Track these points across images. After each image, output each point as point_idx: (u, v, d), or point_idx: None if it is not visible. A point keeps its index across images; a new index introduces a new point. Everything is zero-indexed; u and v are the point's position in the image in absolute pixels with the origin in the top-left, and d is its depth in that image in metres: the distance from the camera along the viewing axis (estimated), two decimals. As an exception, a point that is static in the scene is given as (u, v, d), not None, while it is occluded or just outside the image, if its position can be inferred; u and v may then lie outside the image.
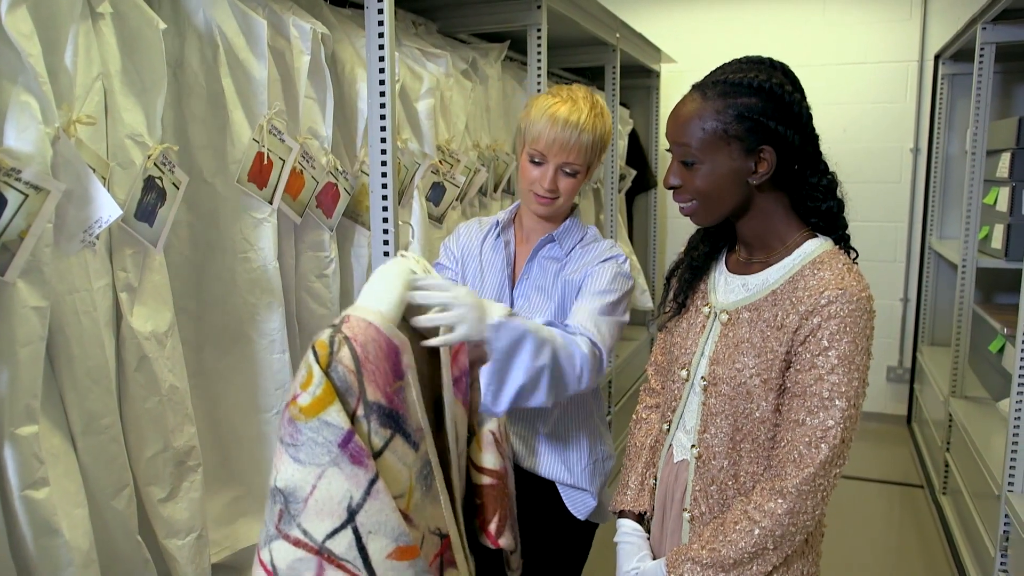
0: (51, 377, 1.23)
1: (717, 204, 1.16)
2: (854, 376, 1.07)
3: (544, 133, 1.44)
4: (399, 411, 1.12)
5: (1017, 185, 2.80)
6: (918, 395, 4.04)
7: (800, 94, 1.14)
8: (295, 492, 1.03)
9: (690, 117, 1.13)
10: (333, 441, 1.03)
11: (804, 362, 1.08)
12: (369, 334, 1.09)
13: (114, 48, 1.31)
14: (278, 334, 1.61)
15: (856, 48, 4.06)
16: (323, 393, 1.04)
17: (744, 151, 1.11)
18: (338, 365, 1.06)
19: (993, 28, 2.84)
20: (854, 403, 1.07)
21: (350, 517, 1.03)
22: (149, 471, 1.37)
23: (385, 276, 1.20)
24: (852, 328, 1.07)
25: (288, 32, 1.64)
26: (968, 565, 2.55)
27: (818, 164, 1.16)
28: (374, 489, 1.04)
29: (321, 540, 1.02)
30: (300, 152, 1.66)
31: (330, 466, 1.02)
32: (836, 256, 1.13)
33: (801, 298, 1.10)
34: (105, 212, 1.20)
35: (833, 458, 1.07)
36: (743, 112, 1.10)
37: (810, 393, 1.08)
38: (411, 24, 2.36)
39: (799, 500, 1.07)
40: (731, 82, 1.12)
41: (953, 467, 3.01)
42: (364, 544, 1.03)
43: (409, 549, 1.07)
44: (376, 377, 1.09)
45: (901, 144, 4.07)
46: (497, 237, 1.60)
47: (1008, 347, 2.68)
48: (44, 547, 1.16)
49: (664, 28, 4.26)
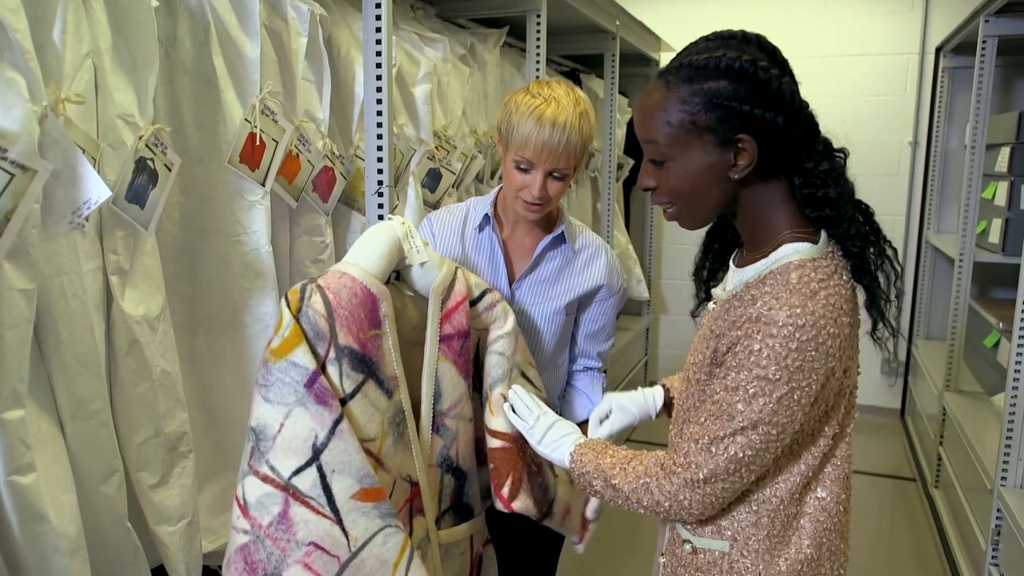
0: (39, 361, 1.21)
1: (698, 205, 1.05)
2: (759, 401, 0.97)
3: (531, 140, 1.37)
4: (372, 357, 1.18)
5: (1016, 180, 2.80)
6: (912, 388, 4.05)
7: (779, 69, 0.99)
8: (265, 430, 1.09)
9: (654, 110, 1.01)
10: (299, 381, 1.09)
11: (721, 370, 1.02)
12: (343, 282, 1.17)
13: (104, 25, 1.28)
14: (271, 319, 1.59)
15: (857, 40, 4.04)
16: (291, 335, 1.10)
17: (719, 143, 0.98)
18: (308, 310, 1.12)
19: (996, 21, 2.82)
20: (761, 430, 0.98)
21: (315, 455, 1.08)
22: (140, 457, 1.35)
23: (370, 235, 1.26)
24: (770, 354, 0.95)
25: (285, 13, 1.61)
26: (959, 558, 2.56)
27: (814, 147, 1.02)
28: (338, 429, 1.09)
29: (287, 476, 1.08)
30: (295, 134, 1.64)
31: (296, 405, 1.08)
32: (796, 270, 0.99)
33: (736, 306, 1.02)
34: (94, 193, 1.18)
35: (723, 472, 1.01)
36: (712, 99, 0.96)
37: (714, 400, 1.01)
38: (409, 8, 2.33)
39: (678, 497, 1.04)
40: (696, 65, 0.99)
41: (946, 461, 3.02)
42: (328, 483, 1.08)
43: (374, 491, 1.11)
44: (349, 323, 1.15)
45: (900, 137, 4.05)
46: (480, 231, 1.55)
47: (1003, 342, 2.67)
48: (31, 533, 1.14)
49: (664, 16, 4.23)
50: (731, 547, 1.09)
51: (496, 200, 1.56)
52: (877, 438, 4.01)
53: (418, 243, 1.30)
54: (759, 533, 1.07)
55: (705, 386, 1.07)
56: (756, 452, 1.00)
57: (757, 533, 1.07)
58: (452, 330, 1.31)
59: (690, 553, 1.13)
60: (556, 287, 1.54)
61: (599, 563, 2.73)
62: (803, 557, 1.07)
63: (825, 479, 1.08)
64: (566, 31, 3.21)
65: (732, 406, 1.00)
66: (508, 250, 1.55)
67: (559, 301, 1.54)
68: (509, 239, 1.56)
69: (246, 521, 1.09)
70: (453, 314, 1.31)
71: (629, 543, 2.87)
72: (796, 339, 0.95)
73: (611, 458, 1.14)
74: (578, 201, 3.61)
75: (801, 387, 0.97)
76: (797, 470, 1.07)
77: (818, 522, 1.08)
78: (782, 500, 1.07)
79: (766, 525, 1.07)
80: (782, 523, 1.07)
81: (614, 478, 1.12)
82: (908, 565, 2.81)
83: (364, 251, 1.24)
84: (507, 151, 1.44)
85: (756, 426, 0.99)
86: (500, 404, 1.34)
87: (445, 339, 1.30)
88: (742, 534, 1.08)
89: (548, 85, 1.43)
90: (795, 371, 0.96)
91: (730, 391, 1.00)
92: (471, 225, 1.56)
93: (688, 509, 1.06)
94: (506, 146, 1.44)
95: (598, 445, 1.19)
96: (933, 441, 3.22)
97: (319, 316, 1.13)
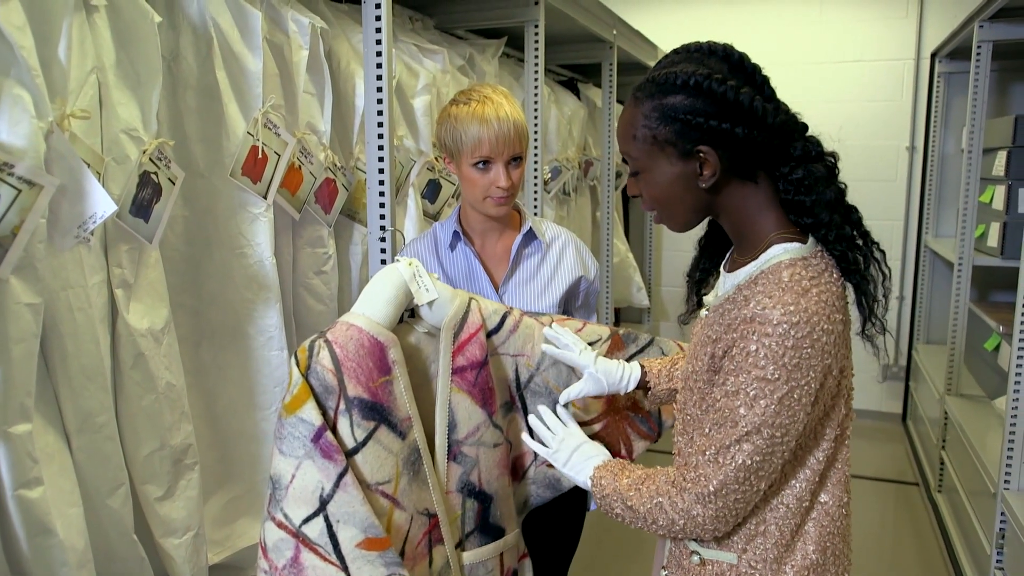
0: (45, 375, 1.21)
1: (676, 211, 1.08)
2: (760, 404, 0.97)
3: (484, 138, 1.45)
4: (383, 403, 1.24)
5: (1013, 183, 2.81)
6: (913, 393, 4.05)
7: (739, 78, 1.01)
8: (280, 480, 1.17)
9: (626, 125, 1.06)
10: (307, 436, 1.16)
11: (720, 376, 1.02)
12: (350, 335, 1.23)
13: (108, 41, 1.29)
14: (276, 331, 1.60)
15: (853, 46, 4.07)
16: (299, 392, 1.18)
17: (680, 155, 1.02)
18: (316, 366, 1.20)
19: (990, 26, 2.84)
20: (765, 433, 0.98)
21: (322, 506, 1.16)
22: (145, 469, 1.36)
23: (376, 283, 1.32)
24: (767, 354, 0.96)
25: (287, 26, 1.63)
26: (964, 563, 2.55)
27: (788, 154, 1.03)
28: (343, 482, 1.17)
29: (298, 524, 1.16)
30: (298, 147, 1.65)
31: (305, 459, 1.16)
32: (787, 269, 1.00)
33: (730, 309, 1.03)
34: (100, 207, 1.19)
35: (732, 482, 1.01)
36: (668, 113, 1.01)
37: (716, 408, 1.02)
38: (408, 20, 2.35)
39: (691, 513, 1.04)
40: (657, 80, 1.02)
41: (949, 465, 3.02)
42: (334, 532, 1.16)
43: (379, 540, 1.18)
44: (358, 374, 1.22)
45: (897, 142, 4.07)
46: (452, 249, 1.59)
47: (1004, 345, 2.68)
48: (38, 547, 1.15)
49: (661, 25, 4.25)
50: (739, 558, 1.09)
51: (459, 216, 1.61)
52: (879, 443, 4.01)
53: (426, 282, 1.33)
54: (767, 542, 1.07)
55: (705, 394, 1.07)
56: (763, 457, 1.00)
57: (765, 542, 1.07)
58: (465, 362, 1.35)
59: (698, 565, 1.12)
60: (540, 284, 1.59)
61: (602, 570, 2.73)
62: (809, 563, 1.07)
63: (827, 483, 1.09)
64: (564, 41, 3.23)
65: (734, 411, 1.00)
66: (484, 260, 1.59)
67: (549, 299, 1.59)
68: (482, 250, 1.60)
69: (266, 562, 1.17)
70: (466, 346, 1.35)
71: (631, 551, 2.87)
72: (792, 337, 0.96)
73: (627, 478, 1.14)
74: (577, 210, 3.63)
75: (800, 386, 0.98)
76: (803, 476, 1.07)
77: (822, 527, 1.08)
78: (788, 507, 1.07)
79: (774, 533, 1.07)
80: (790, 531, 1.07)
81: (630, 499, 1.11)
82: (913, 570, 2.80)
83: (370, 300, 1.29)
84: (460, 161, 1.50)
85: (760, 430, 0.99)
86: (582, 399, 1.43)
87: (458, 371, 1.35)
88: (751, 544, 1.08)
89: (472, 90, 1.52)
90: (793, 369, 0.97)
91: (730, 396, 1.00)
92: (443, 247, 1.60)
93: (702, 526, 1.04)
94: (458, 157, 1.50)
95: (615, 466, 1.18)
96: (935, 445, 3.22)
97: (327, 371, 1.20)
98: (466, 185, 1.51)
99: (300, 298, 1.78)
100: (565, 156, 3.29)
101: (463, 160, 1.49)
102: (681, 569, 1.15)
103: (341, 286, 1.88)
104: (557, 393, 1.43)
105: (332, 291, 1.81)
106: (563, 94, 3.53)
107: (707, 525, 1.05)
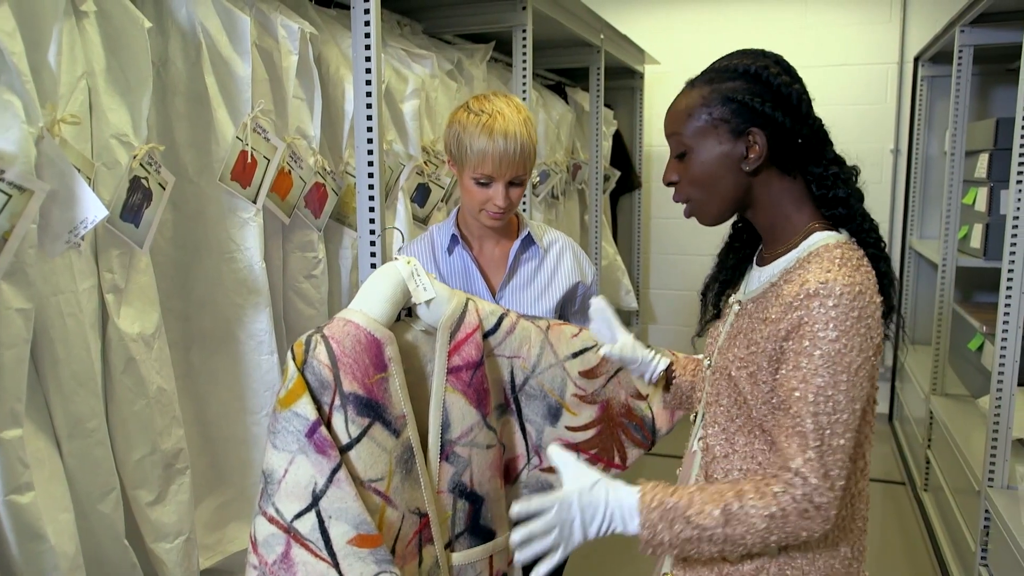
0: (35, 380, 1.21)
1: (713, 195, 1.12)
2: (841, 378, 0.99)
3: (487, 156, 1.43)
4: (378, 400, 1.24)
5: (995, 185, 2.85)
6: (899, 393, 4.09)
7: (790, 77, 1.12)
8: (272, 474, 1.16)
9: (679, 108, 1.14)
10: (301, 431, 1.16)
11: (789, 361, 1.02)
12: (347, 331, 1.23)
13: (98, 47, 1.29)
14: (266, 335, 1.60)
15: (837, 50, 4.11)
16: (294, 386, 1.17)
17: (731, 133, 1.09)
18: (313, 361, 1.20)
19: (971, 31, 2.88)
20: (845, 407, 0.99)
21: (314, 501, 1.15)
22: (136, 474, 1.35)
23: (374, 280, 1.32)
24: (837, 325, 0.99)
25: (276, 32, 1.63)
26: (949, 560, 2.58)
27: (823, 151, 1.13)
28: (336, 478, 1.16)
29: (290, 519, 1.15)
30: (287, 152, 1.65)
31: (298, 453, 1.16)
32: (836, 248, 1.06)
33: (786, 290, 1.05)
34: (91, 213, 1.19)
35: (841, 464, 1.00)
36: (727, 95, 1.09)
37: (795, 397, 1.01)
38: (396, 25, 2.36)
39: (825, 510, 1.00)
40: (716, 69, 1.13)
41: (934, 463, 3.05)
42: (326, 527, 1.15)
43: (371, 538, 1.17)
44: (354, 370, 1.21)
45: (882, 145, 4.12)
46: (450, 253, 1.58)
47: (987, 345, 2.72)
48: (30, 553, 1.15)
49: (648, 29, 4.28)
50: (780, 551, 1.08)
51: (457, 220, 1.60)
52: (866, 443, 4.04)
53: (424, 280, 1.34)
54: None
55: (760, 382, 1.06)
56: (853, 434, 1.01)
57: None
58: (461, 362, 1.35)
59: (734, 563, 1.09)
60: (536, 289, 1.59)
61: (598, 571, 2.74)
62: (840, 555, 1.11)
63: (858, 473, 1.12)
64: (551, 45, 3.25)
65: (820, 392, 0.99)
66: (481, 264, 1.59)
67: (545, 304, 1.59)
68: (479, 254, 1.60)
69: (255, 558, 1.16)
70: (462, 346, 1.36)
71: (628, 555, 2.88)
72: (856, 307, 1.00)
73: (691, 515, 1.01)
74: (566, 213, 3.64)
75: (866, 355, 1.01)
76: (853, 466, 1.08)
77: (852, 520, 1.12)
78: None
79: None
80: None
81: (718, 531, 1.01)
82: (900, 568, 2.83)
83: (368, 297, 1.29)
84: (463, 170, 1.48)
85: (849, 407, 1.00)
86: (577, 402, 1.45)
87: (453, 371, 1.35)
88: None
89: (487, 99, 1.49)
90: (861, 339, 1.00)
91: (808, 378, 1.00)
92: (440, 251, 1.59)
93: (829, 518, 1.00)
94: (461, 166, 1.49)
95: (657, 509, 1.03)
96: (921, 445, 3.26)
97: (323, 366, 1.20)
98: (465, 194, 1.51)
99: (290, 302, 1.78)
100: (553, 160, 3.30)
101: (465, 170, 1.48)
102: (704, 566, 1.12)
103: (331, 290, 1.89)
104: (552, 397, 1.44)
105: (322, 295, 1.82)
106: (551, 98, 3.55)
107: (833, 515, 1.00)
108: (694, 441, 1.24)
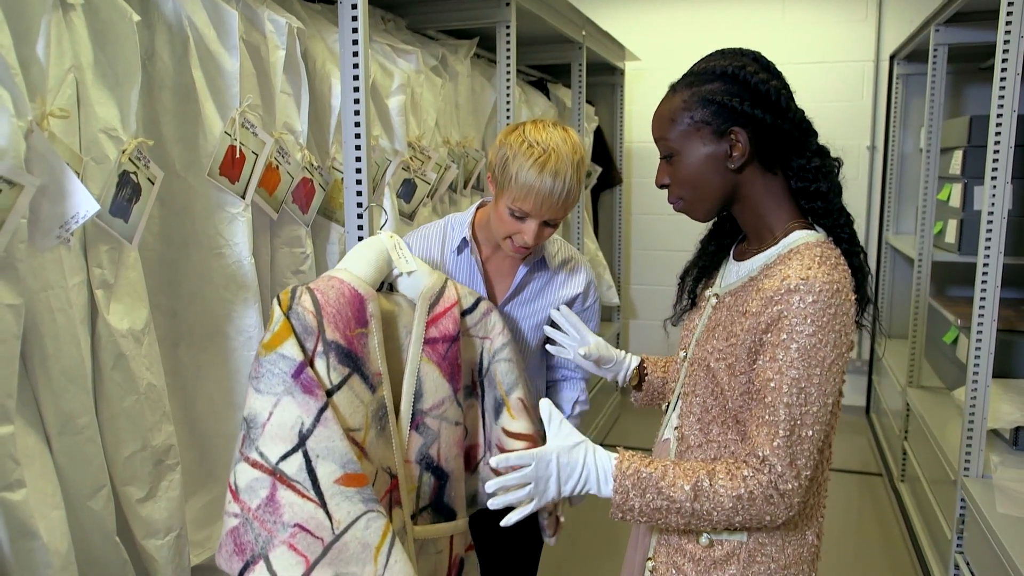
0: (25, 376, 1.20)
1: (702, 194, 1.16)
2: (815, 372, 1.02)
3: (531, 194, 1.35)
4: (358, 353, 1.26)
5: (969, 182, 2.90)
6: (876, 386, 4.15)
7: (769, 75, 1.14)
8: (255, 419, 1.15)
9: (663, 113, 1.17)
10: (287, 372, 1.16)
11: (767, 352, 1.06)
12: (332, 284, 1.27)
13: (86, 40, 1.28)
14: (255, 331, 1.59)
15: (814, 48, 4.16)
16: (280, 329, 1.18)
17: (714, 134, 1.12)
18: (298, 307, 1.21)
19: (945, 30, 2.93)
20: (816, 399, 1.03)
21: (301, 441, 1.15)
22: (127, 471, 1.35)
23: (359, 247, 1.36)
24: (814, 320, 1.02)
25: (263, 26, 1.63)
26: (926, 548, 2.64)
27: (805, 146, 1.15)
28: (323, 417, 1.16)
29: (275, 462, 1.14)
30: (276, 147, 1.65)
31: (284, 395, 1.15)
32: (815, 247, 1.10)
33: (767, 285, 1.08)
34: (82, 207, 1.18)
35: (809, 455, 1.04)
36: (707, 97, 1.12)
37: (770, 387, 1.04)
38: (380, 20, 2.36)
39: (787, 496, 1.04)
40: (696, 72, 1.16)
41: (911, 455, 3.11)
42: (313, 467, 1.14)
43: (357, 477, 1.17)
44: (336, 320, 1.23)
45: (858, 142, 4.18)
46: (458, 253, 1.55)
47: (962, 338, 2.77)
48: (22, 550, 1.14)
49: (629, 26, 4.31)
50: (749, 536, 1.12)
51: (474, 221, 1.56)
52: (844, 435, 4.11)
53: (406, 254, 1.38)
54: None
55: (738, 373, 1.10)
56: (822, 427, 1.05)
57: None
58: (438, 334, 1.37)
59: (705, 547, 1.14)
60: (538, 305, 1.58)
61: (576, 566, 2.76)
62: (808, 542, 1.15)
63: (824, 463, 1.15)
64: (534, 41, 3.26)
65: (794, 384, 1.03)
66: (487, 272, 1.57)
67: (543, 314, 1.58)
68: (488, 261, 1.57)
69: (236, 505, 1.13)
70: (440, 319, 1.37)
71: (606, 547, 2.91)
72: (833, 304, 1.03)
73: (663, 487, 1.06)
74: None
75: (839, 351, 1.05)
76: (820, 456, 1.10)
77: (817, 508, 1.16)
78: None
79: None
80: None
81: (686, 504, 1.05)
82: (877, 558, 2.89)
83: (353, 258, 1.33)
84: (501, 195, 1.40)
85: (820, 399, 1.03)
86: (520, 408, 1.42)
87: (430, 342, 1.36)
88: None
89: (544, 129, 1.40)
90: (836, 335, 1.04)
91: (783, 370, 1.03)
92: (449, 247, 1.56)
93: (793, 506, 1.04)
94: (501, 189, 1.41)
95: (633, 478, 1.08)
96: (898, 436, 3.31)
97: (308, 313, 1.21)
98: (496, 218, 1.44)
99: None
100: (536, 156, 3.31)
101: (503, 196, 1.40)
102: (681, 554, 1.16)
103: (318, 286, 1.88)
104: (499, 391, 1.43)
105: (310, 291, 1.81)
106: (533, 94, 3.56)
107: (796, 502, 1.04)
108: (665, 430, 1.28)
